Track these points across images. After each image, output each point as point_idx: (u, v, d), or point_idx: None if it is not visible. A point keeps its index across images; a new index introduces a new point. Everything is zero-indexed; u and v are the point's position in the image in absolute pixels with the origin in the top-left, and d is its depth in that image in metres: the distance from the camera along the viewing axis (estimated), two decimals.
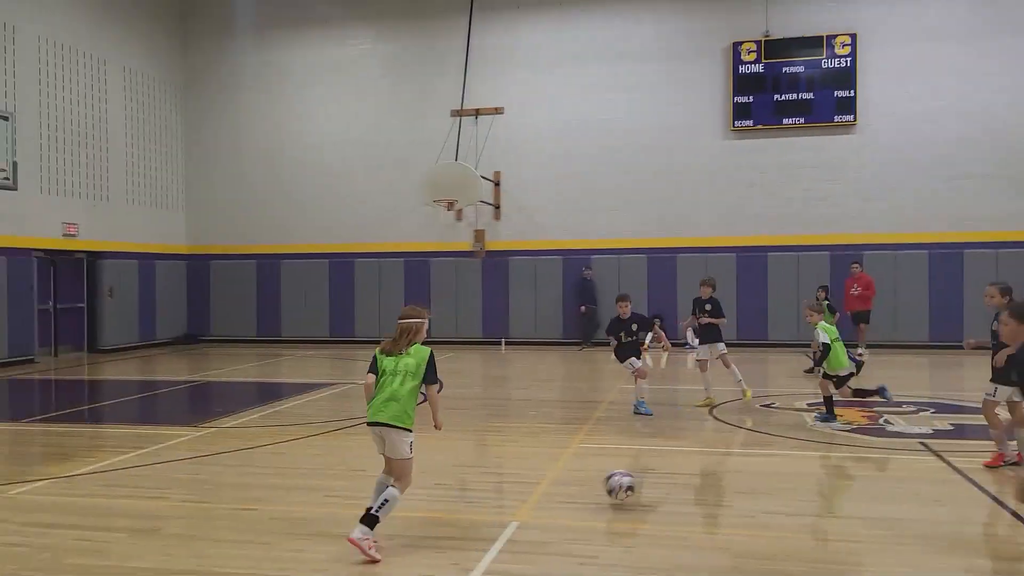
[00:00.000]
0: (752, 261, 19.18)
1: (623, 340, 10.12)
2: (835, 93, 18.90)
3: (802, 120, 19.07)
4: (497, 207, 20.41)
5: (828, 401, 9.24)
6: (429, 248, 20.58)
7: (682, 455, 8.00)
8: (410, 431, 5.21)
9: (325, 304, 20.94)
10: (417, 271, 20.54)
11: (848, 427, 9.04)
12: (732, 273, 19.17)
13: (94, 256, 19.03)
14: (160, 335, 20.71)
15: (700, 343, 11.10)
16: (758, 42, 19.25)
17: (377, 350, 5.41)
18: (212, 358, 18.32)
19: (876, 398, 9.16)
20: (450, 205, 18.37)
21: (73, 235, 18.21)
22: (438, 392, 5.56)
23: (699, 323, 11.07)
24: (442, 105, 20.37)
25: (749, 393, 10.73)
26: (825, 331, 9.12)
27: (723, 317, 10.96)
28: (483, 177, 19.03)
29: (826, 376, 9.23)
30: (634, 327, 10.12)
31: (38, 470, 7.86)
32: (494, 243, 20.41)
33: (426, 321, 5.45)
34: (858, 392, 9.25)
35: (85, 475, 7.34)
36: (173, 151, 21.64)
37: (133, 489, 6.82)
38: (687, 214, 19.59)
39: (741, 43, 19.30)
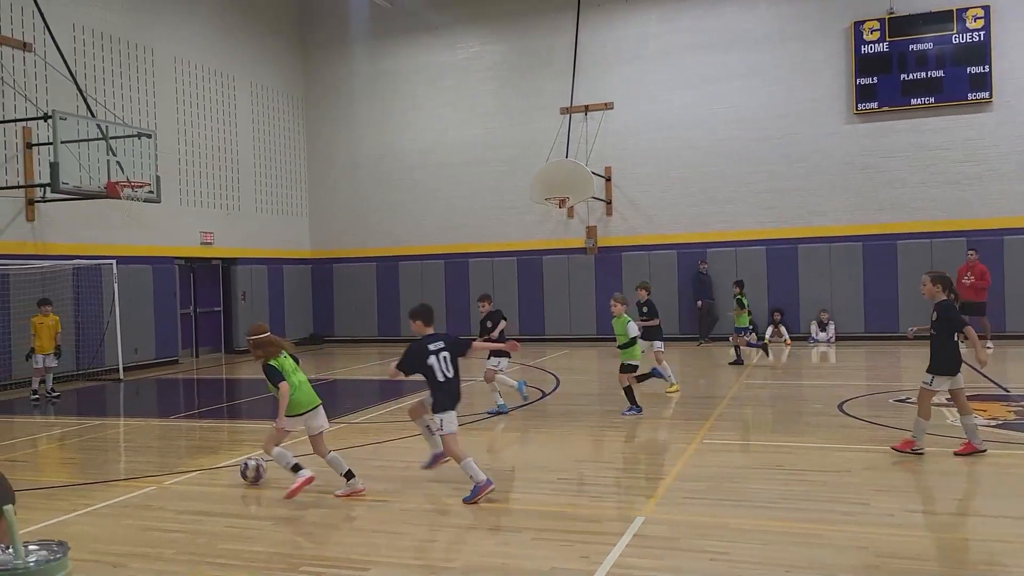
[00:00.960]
0: (880, 250, 18.29)
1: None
2: (968, 70, 17.76)
3: (932, 100, 18.02)
4: (609, 203, 20.31)
5: (629, 392, 9.79)
6: (541, 246, 20.71)
7: (812, 452, 7.74)
8: None
9: (441, 303, 21.40)
10: (529, 269, 20.71)
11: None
12: (858, 263, 18.35)
13: (228, 262, 20.19)
14: (288, 336, 21.69)
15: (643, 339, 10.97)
16: (881, 20, 18.33)
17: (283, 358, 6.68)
18: (337, 357, 19.09)
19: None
20: (561, 203, 18.43)
21: (209, 243, 19.38)
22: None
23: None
24: (551, 104, 20.45)
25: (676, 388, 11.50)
26: (631, 325, 9.74)
27: (657, 318, 11.95)
28: (594, 173, 18.98)
29: (627, 368, 9.74)
30: (488, 323, 10.36)
31: (187, 462, 8.44)
32: (606, 239, 20.32)
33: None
34: (640, 377, 10.17)
35: (229, 467, 7.81)
36: (296, 161, 22.67)
37: (274, 481, 7.20)
38: (808, 203, 18.89)
39: (863, 22, 18.43)
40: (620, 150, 20.09)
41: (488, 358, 10.17)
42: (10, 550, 1.08)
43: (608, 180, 20.24)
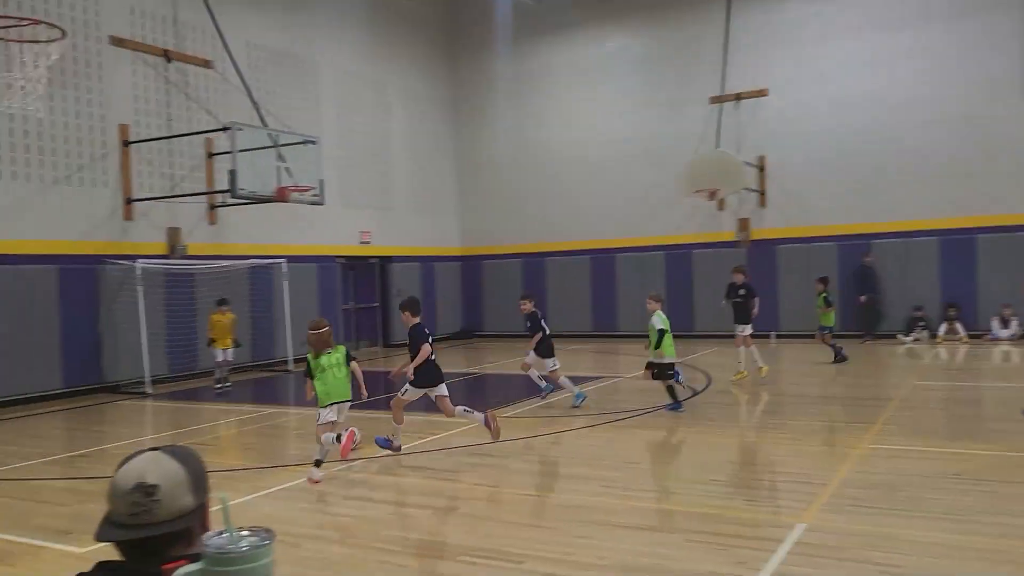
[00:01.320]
0: None
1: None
2: None
3: None
4: (762, 193, 19.57)
5: (670, 390, 9.76)
6: (690, 240, 20.26)
7: (994, 459, 7.14)
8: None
9: (587, 299, 21.44)
10: (678, 263, 20.32)
11: None
12: None
13: (385, 260, 21.13)
14: (441, 330, 22.47)
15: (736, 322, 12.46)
16: None
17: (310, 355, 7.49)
18: (487, 352, 19.53)
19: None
20: (712, 195, 17.94)
21: (368, 242, 20.36)
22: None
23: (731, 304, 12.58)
24: (700, 94, 19.94)
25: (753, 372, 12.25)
26: (661, 319, 9.75)
27: (756, 298, 12.58)
28: (746, 163, 18.35)
29: (653, 365, 9.69)
30: (527, 324, 11.39)
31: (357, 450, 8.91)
32: (759, 231, 19.60)
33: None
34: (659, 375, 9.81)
35: (385, 456, 8.18)
36: (445, 161, 23.37)
37: (429, 471, 7.50)
38: (988, 190, 17.38)
39: None
40: (775, 138, 19.29)
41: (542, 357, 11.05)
42: (225, 534, 1.20)
43: (761, 170, 19.50)
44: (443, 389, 8.03)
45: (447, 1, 23.32)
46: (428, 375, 7.93)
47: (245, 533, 1.22)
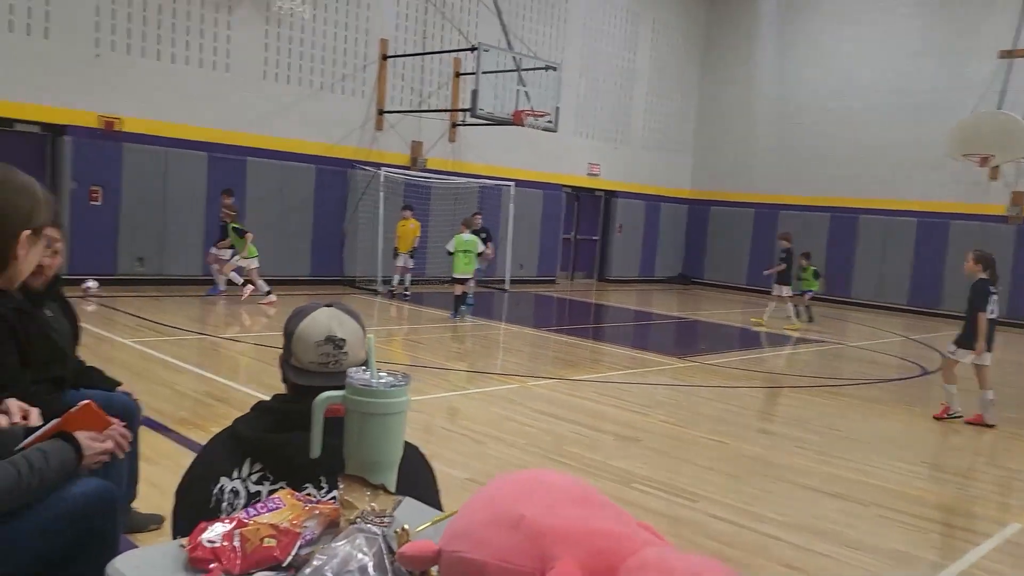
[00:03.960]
0: None
1: None
2: None
3: None
4: None
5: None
6: (949, 209, 18.21)
7: None
8: None
9: (821, 261, 20.07)
10: (931, 234, 18.38)
11: None
12: None
13: (610, 195, 21.10)
14: (658, 273, 22.23)
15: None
16: None
17: None
18: (702, 299, 19.08)
19: None
20: (984, 161, 15.91)
21: (596, 175, 20.41)
22: None
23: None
24: (988, 46, 17.51)
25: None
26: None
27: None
28: None
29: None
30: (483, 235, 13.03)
31: (549, 370, 9.20)
32: None
33: None
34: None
35: (583, 381, 8.35)
36: (688, 99, 22.62)
37: (620, 401, 7.56)
38: None
39: None
40: None
41: None
42: (367, 372, 1.31)
43: None
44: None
45: None
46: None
47: (383, 374, 1.31)
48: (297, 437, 1.60)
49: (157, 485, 3.95)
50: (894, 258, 18.71)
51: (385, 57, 15.75)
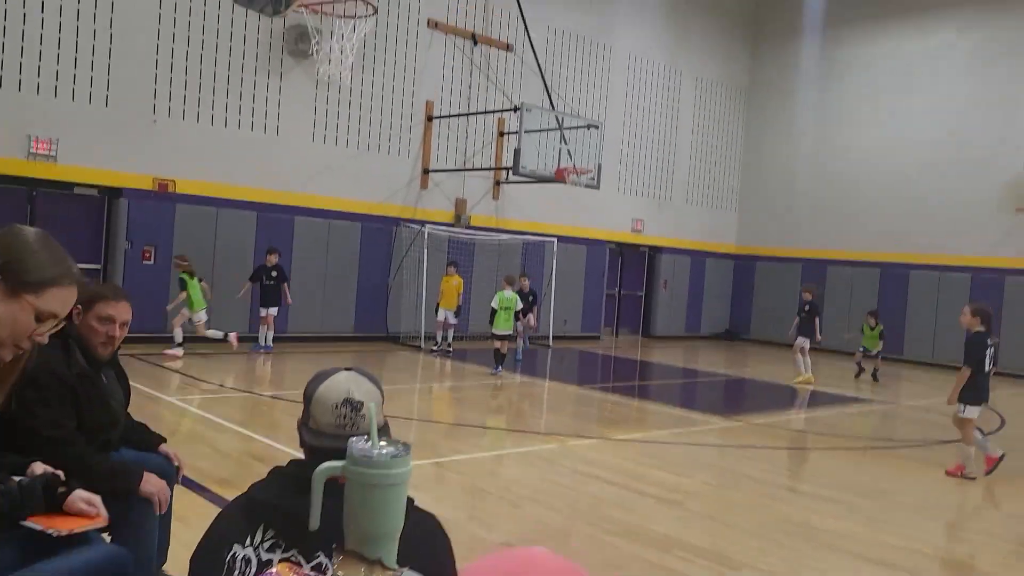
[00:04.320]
0: None
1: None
2: None
3: None
4: None
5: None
6: (1005, 264, 17.68)
7: None
8: None
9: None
10: (987, 289, 17.83)
11: None
12: None
13: (654, 250, 21.03)
14: (704, 329, 21.93)
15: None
16: None
17: None
18: (749, 356, 18.72)
19: None
20: None
21: (639, 230, 20.38)
22: None
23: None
24: None
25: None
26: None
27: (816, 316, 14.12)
28: None
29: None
30: (531, 297, 13.98)
31: (591, 429, 9.06)
32: None
33: None
34: None
35: (626, 441, 8.21)
36: (731, 154, 22.60)
37: (663, 462, 7.39)
38: None
39: None
40: None
41: None
42: (368, 441, 1.29)
43: None
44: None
45: None
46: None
47: (384, 443, 1.30)
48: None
49: (191, 546, 3.95)
50: (948, 315, 18.11)
51: (430, 118, 16.11)
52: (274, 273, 12.84)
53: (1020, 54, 17.80)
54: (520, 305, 12.88)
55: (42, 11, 11.60)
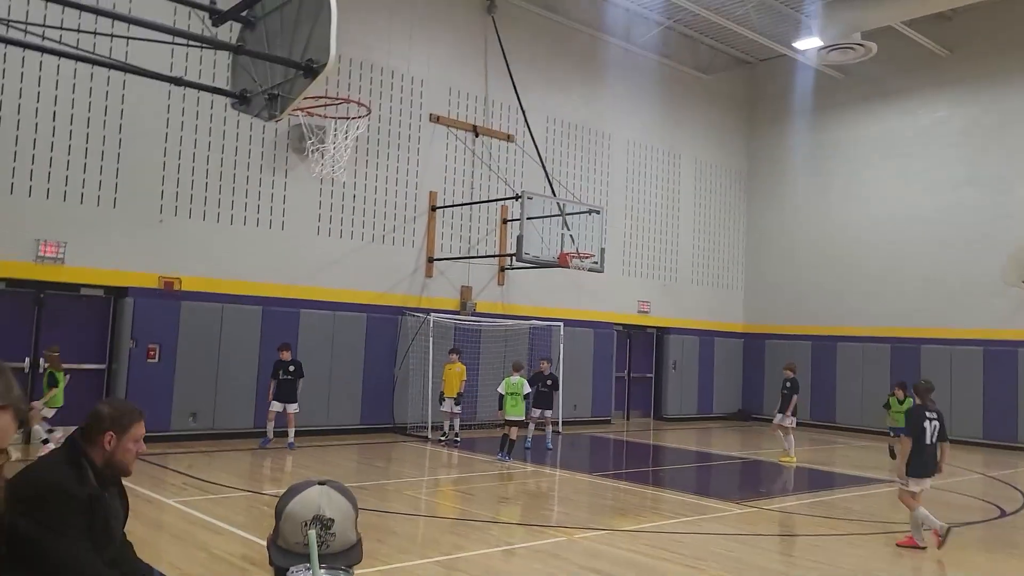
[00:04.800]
0: None
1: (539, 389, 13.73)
2: None
3: None
4: None
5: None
6: (1016, 337, 17.48)
7: None
8: None
9: (885, 392, 19.26)
10: (999, 363, 17.59)
11: None
12: None
13: (662, 331, 20.94)
14: (716, 409, 21.61)
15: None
16: None
17: None
18: (763, 437, 18.35)
19: None
20: None
21: (646, 312, 20.36)
22: None
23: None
24: None
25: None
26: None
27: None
28: None
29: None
30: (548, 381, 13.89)
31: (599, 520, 8.82)
32: None
33: None
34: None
35: (635, 532, 7.96)
36: (734, 234, 22.76)
37: (672, 554, 7.15)
38: None
39: None
40: None
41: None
42: (309, 571, 1.24)
43: None
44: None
45: (746, 75, 23.02)
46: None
47: (323, 571, 1.24)
48: None
49: None
50: (961, 389, 17.85)
51: (434, 208, 16.36)
52: (291, 368, 12.62)
53: (1013, 125, 18.06)
54: (527, 389, 12.83)
55: (53, 119, 11.99)
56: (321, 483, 1.83)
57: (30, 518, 2.86)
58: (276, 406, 12.50)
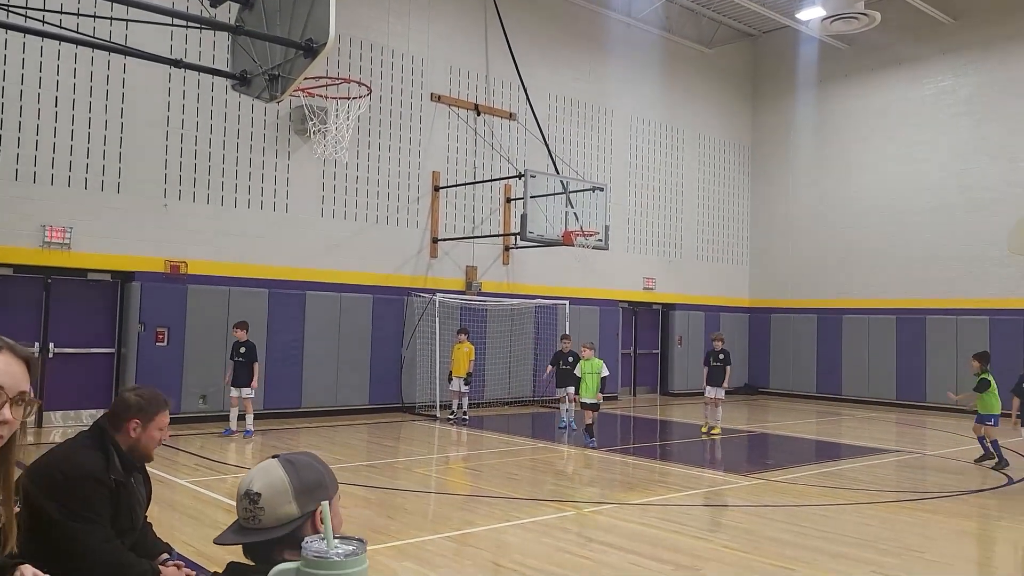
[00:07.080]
0: None
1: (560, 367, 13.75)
2: None
3: None
4: None
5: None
6: (1022, 305, 17.46)
7: None
8: None
9: (891, 363, 19.35)
10: (1005, 331, 17.58)
11: None
12: None
13: (668, 307, 20.95)
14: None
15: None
16: None
17: None
18: (770, 410, 18.43)
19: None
20: None
21: (651, 288, 20.36)
22: None
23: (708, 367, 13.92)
24: None
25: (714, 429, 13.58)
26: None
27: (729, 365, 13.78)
28: None
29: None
30: (570, 359, 13.45)
31: (608, 494, 8.89)
32: None
33: None
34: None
35: (643, 505, 8.03)
36: (739, 209, 22.69)
37: (681, 526, 7.21)
38: None
39: None
40: None
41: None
42: (323, 540, 1.27)
43: None
44: None
45: (749, 48, 22.84)
46: None
47: (337, 541, 1.27)
48: None
49: None
50: (968, 358, 17.83)
51: (437, 188, 16.34)
52: (242, 350, 11.66)
53: (1018, 92, 17.91)
54: (606, 371, 12.40)
55: (55, 105, 11.99)
56: (274, 456, 1.84)
57: (58, 503, 2.90)
58: (233, 391, 11.77)
